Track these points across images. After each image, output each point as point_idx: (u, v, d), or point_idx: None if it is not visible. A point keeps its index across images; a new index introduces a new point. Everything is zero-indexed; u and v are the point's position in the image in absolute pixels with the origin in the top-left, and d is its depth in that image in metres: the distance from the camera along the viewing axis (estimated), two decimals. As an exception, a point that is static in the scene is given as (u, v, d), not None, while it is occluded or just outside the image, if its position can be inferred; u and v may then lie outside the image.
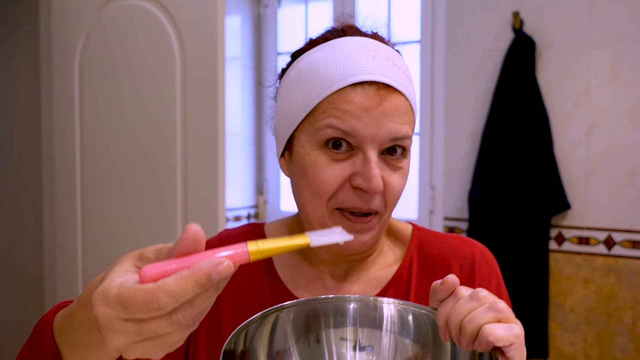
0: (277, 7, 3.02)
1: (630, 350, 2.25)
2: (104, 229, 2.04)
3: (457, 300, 0.56)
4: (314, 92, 0.71)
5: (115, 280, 0.43)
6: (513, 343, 0.54)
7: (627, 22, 2.25)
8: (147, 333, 0.42)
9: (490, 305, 0.55)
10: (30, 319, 2.40)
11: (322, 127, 0.70)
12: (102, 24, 2.01)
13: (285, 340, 0.55)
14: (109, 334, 0.42)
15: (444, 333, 0.57)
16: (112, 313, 0.42)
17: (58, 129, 2.14)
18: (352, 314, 0.57)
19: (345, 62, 0.70)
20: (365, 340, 0.56)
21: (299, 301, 0.57)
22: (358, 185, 0.69)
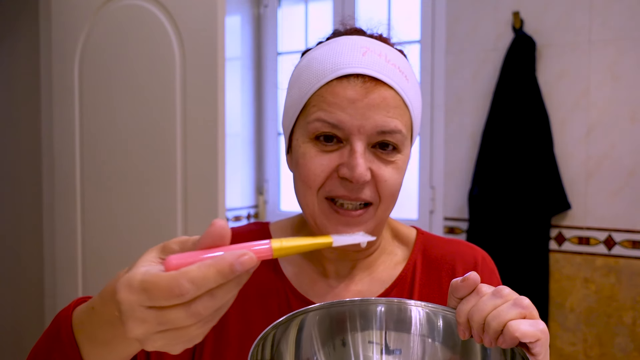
0: (277, 7, 3.02)
1: (630, 350, 2.25)
2: (104, 229, 2.03)
3: (480, 298, 0.56)
4: (306, 87, 0.74)
5: (139, 269, 0.44)
6: (539, 339, 0.53)
7: (627, 22, 2.25)
8: (167, 323, 0.42)
9: (515, 301, 0.55)
10: (30, 319, 2.39)
11: (312, 120, 0.72)
12: (102, 24, 2.01)
13: (311, 345, 0.54)
14: (130, 322, 0.43)
15: (463, 331, 0.56)
16: (134, 299, 0.42)
17: (58, 129, 2.14)
18: (378, 316, 0.56)
19: (336, 57, 0.72)
20: (393, 343, 0.55)
21: (324, 304, 0.57)
22: (343, 175, 0.70)
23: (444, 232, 2.62)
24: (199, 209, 1.83)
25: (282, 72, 3.08)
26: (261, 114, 3.09)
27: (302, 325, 0.55)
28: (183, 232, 1.86)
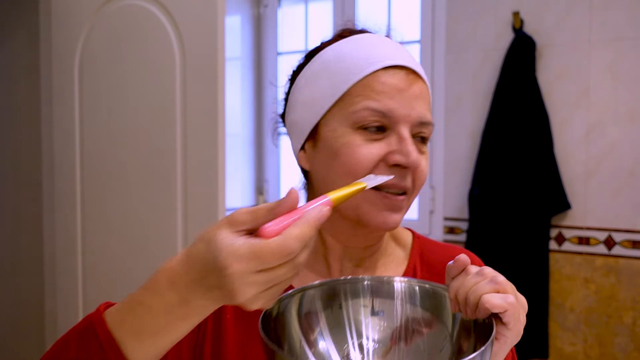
0: (277, 7, 3.02)
1: (630, 350, 2.25)
2: (104, 229, 2.03)
3: (466, 276, 0.64)
4: (342, 78, 0.74)
5: (235, 243, 0.50)
6: (507, 310, 0.61)
7: (627, 22, 2.25)
8: (275, 280, 0.50)
9: (491, 279, 0.62)
10: (30, 319, 2.39)
11: (359, 109, 0.72)
12: (102, 24, 2.01)
13: (312, 306, 0.66)
14: (241, 288, 0.49)
15: (453, 305, 0.64)
16: (245, 268, 0.49)
17: (58, 129, 2.14)
18: (367, 288, 0.68)
19: (373, 50, 0.74)
20: (378, 306, 0.67)
21: (322, 282, 0.68)
22: (396, 161, 0.72)
23: (444, 232, 2.62)
24: (199, 209, 1.83)
25: (282, 72, 3.07)
26: (261, 114, 3.09)
27: (303, 296, 0.66)
28: (183, 232, 1.86)
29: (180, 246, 1.85)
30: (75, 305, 2.11)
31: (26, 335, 2.42)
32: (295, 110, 0.79)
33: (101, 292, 2.05)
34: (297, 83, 0.80)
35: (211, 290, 0.52)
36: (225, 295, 0.51)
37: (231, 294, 0.50)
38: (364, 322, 0.67)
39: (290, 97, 0.81)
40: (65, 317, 2.15)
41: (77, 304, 2.11)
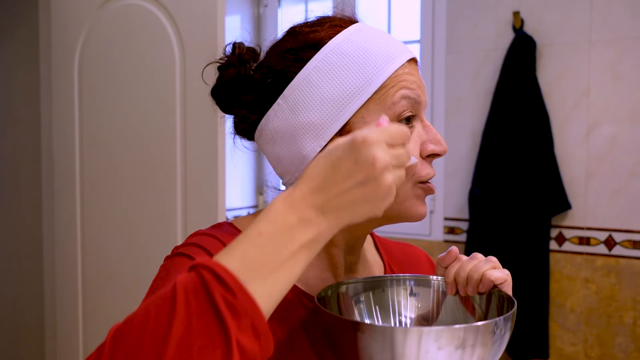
0: (277, 7, 3.02)
1: (630, 351, 2.24)
2: (104, 229, 2.03)
3: (461, 263, 0.75)
4: (375, 70, 0.71)
5: (368, 130, 0.56)
6: (506, 280, 0.74)
7: (627, 22, 2.24)
8: (397, 158, 0.57)
9: (486, 259, 0.75)
10: (30, 319, 2.39)
11: (398, 100, 0.71)
12: (101, 24, 2.01)
13: (358, 290, 0.78)
14: (379, 154, 0.55)
15: (451, 288, 0.75)
16: (380, 139, 0.55)
17: (58, 129, 2.14)
18: (407, 278, 0.80)
19: (389, 42, 0.74)
20: (415, 289, 0.80)
21: (365, 277, 0.80)
22: (432, 151, 0.74)
23: (444, 232, 2.62)
24: (199, 209, 1.83)
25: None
26: (261, 114, 3.08)
27: (349, 285, 0.78)
28: (183, 232, 1.86)
29: (180, 246, 1.85)
30: (75, 306, 2.11)
31: (26, 335, 2.42)
32: (309, 110, 0.72)
33: (101, 292, 2.05)
34: (303, 80, 0.72)
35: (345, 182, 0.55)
36: (364, 169, 0.55)
37: (372, 162, 0.54)
38: (403, 304, 0.80)
39: (288, 96, 0.73)
40: (65, 317, 2.15)
41: (77, 304, 2.11)
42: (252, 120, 0.77)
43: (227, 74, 0.78)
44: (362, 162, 0.54)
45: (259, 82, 0.76)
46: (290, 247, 0.54)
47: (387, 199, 0.56)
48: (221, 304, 0.49)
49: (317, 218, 0.55)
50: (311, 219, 0.55)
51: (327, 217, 0.55)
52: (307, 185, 0.56)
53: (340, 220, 0.56)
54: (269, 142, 0.76)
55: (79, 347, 2.11)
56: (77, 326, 2.11)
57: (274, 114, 0.74)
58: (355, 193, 0.55)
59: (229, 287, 0.50)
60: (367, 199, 0.56)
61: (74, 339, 2.12)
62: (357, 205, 0.56)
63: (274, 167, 0.79)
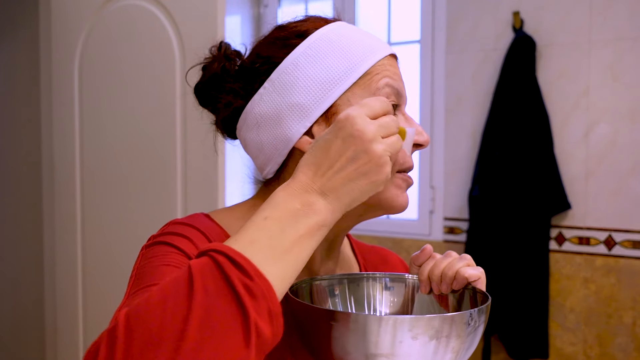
0: (277, 7, 3.02)
1: (630, 351, 2.25)
2: (104, 229, 2.03)
3: (435, 261, 0.75)
4: (361, 57, 0.73)
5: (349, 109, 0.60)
6: (480, 277, 0.73)
7: (627, 22, 2.25)
8: (384, 126, 0.58)
9: (460, 257, 0.75)
10: (30, 319, 2.39)
11: (382, 86, 0.73)
12: (102, 24, 2.01)
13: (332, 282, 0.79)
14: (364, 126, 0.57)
15: (425, 286, 0.76)
16: (360, 111, 0.58)
17: (58, 129, 2.14)
18: (382, 275, 0.81)
19: (373, 37, 0.77)
20: (389, 284, 0.80)
21: (340, 274, 0.80)
22: (416, 141, 0.74)
23: (444, 232, 2.62)
24: (199, 209, 1.83)
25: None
26: (261, 114, 3.08)
27: (322, 280, 0.78)
28: (183, 232, 1.86)
29: (180, 246, 1.85)
30: (75, 305, 2.11)
31: (26, 335, 2.42)
32: (295, 92, 0.72)
33: (101, 292, 2.05)
34: (291, 63, 0.73)
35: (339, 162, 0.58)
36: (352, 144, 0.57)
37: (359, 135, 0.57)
38: (379, 299, 0.80)
39: (275, 80, 0.73)
40: (65, 317, 2.15)
41: (77, 304, 2.11)
42: (236, 106, 0.77)
43: (212, 68, 0.81)
44: (349, 138, 0.57)
45: (246, 69, 0.77)
46: (297, 230, 0.55)
47: (383, 170, 0.58)
48: (239, 287, 0.49)
49: (318, 202, 0.57)
50: (313, 202, 0.57)
51: (328, 199, 0.57)
52: (304, 174, 0.58)
53: (342, 200, 0.58)
54: (253, 128, 0.75)
55: (79, 347, 2.11)
56: (77, 326, 2.11)
57: (259, 97, 0.74)
58: (349, 169, 0.57)
59: (245, 270, 0.50)
60: (362, 173, 0.57)
61: (74, 339, 2.12)
62: (355, 182, 0.58)
63: (254, 157, 0.78)
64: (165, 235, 0.71)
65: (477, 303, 0.71)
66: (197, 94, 0.82)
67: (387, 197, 0.73)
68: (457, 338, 0.60)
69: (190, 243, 0.69)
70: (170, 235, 0.71)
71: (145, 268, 0.66)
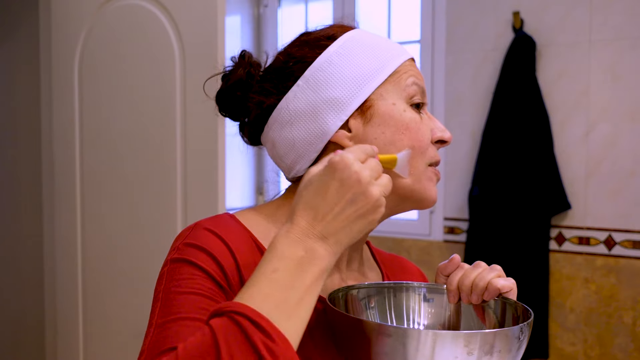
0: (277, 7, 3.02)
1: (630, 350, 2.25)
2: (104, 230, 2.03)
3: (464, 271, 0.75)
4: (389, 58, 0.77)
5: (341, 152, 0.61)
6: (512, 289, 0.74)
7: (627, 22, 2.24)
8: (373, 169, 0.61)
9: (490, 268, 0.75)
10: (30, 320, 2.39)
11: (410, 84, 0.77)
12: (102, 24, 2.01)
13: (371, 293, 0.77)
14: (361, 171, 0.59)
15: (453, 296, 0.76)
16: (355, 157, 0.60)
17: (58, 129, 2.14)
18: (419, 285, 0.79)
19: (394, 42, 0.81)
20: (429, 295, 0.78)
21: (376, 283, 0.80)
22: (441, 137, 0.78)
23: (444, 232, 2.62)
24: (199, 209, 1.83)
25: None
26: (261, 114, 3.08)
27: (360, 289, 0.77)
28: (183, 232, 1.86)
29: (180, 246, 1.85)
30: (76, 306, 2.11)
31: (26, 336, 2.42)
32: (331, 87, 0.74)
33: (101, 292, 2.05)
34: (325, 61, 0.75)
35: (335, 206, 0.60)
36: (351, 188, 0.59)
37: (357, 179, 0.59)
38: (417, 309, 0.78)
39: (309, 77, 0.75)
40: (65, 317, 2.15)
41: (77, 304, 2.11)
42: (269, 104, 0.78)
43: (236, 74, 0.80)
44: (347, 181, 0.59)
45: (278, 69, 0.79)
46: (305, 281, 0.57)
47: (380, 210, 0.61)
48: (263, 351, 0.52)
49: (320, 247, 0.59)
50: (316, 248, 0.59)
51: (329, 242, 0.59)
52: (303, 218, 0.60)
53: (341, 242, 0.60)
54: (286, 125, 0.76)
55: (79, 347, 2.11)
56: (77, 326, 2.11)
57: (293, 94, 0.76)
58: (349, 212, 0.59)
59: (267, 332, 0.53)
60: (360, 215, 0.60)
61: (74, 339, 2.12)
62: (354, 223, 0.60)
63: (284, 156, 0.79)
64: (186, 248, 0.70)
65: (517, 314, 0.71)
66: (219, 99, 0.83)
67: (419, 188, 0.76)
68: (508, 352, 0.60)
69: (214, 263, 0.68)
70: (191, 248, 0.69)
71: (171, 293, 0.66)
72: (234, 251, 0.70)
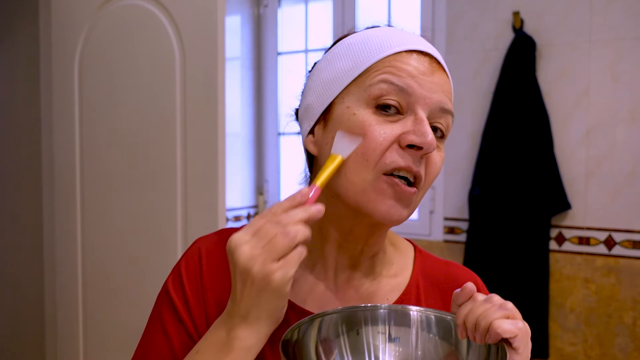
0: (277, 7, 3.02)
1: (630, 350, 2.25)
2: (104, 230, 2.03)
3: (475, 303, 0.65)
4: (365, 56, 0.70)
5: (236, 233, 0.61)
6: (517, 335, 0.62)
7: (627, 22, 2.24)
8: (261, 234, 0.58)
9: (500, 305, 0.63)
10: (30, 320, 2.39)
11: (375, 82, 0.68)
12: (102, 24, 2.01)
13: (330, 332, 0.68)
14: (238, 249, 0.59)
15: (461, 331, 0.65)
16: (244, 238, 0.60)
17: (58, 129, 2.14)
18: (384, 316, 0.69)
19: (398, 34, 0.72)
20: (394, 333, 0.69)
21: (341, 308, 0.69)
22: (410, 141, 0.66)
23: (444, 232, 2.62)
24: (199, 209, 1.83)
25: (282, 72, 3.08)
26: (261, 114, 3.09)
27: (322, 322, 0.67)
28: (183, 232, 1.86)
29: (180, 246, 1.85)
30: (75, 306, 2.11)
31: (26, 336, 2.42)
32: (311, 93, 0.74)
33: (101, 292, 2.05)
34: (317, 67, 0.76)
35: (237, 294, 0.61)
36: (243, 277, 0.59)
37: (234, 252, 0.59)
38: (381, 348, 0.68)
39: (307, 84, 0.77)
40: (65, 317, 2.15)
41: (77, 304, 2.11)
42: None
43: None
44: (239, 271, 0.59)
45: None
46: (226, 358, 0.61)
47: (281, 297, 0.59)
48: None
49: (241, 327, 0.61)
50: (236, 328, 0.61)
51: (249, 320, 0.61)
52: (231, 300, 0.62)
53: (262, 320, 0.61)
54: None
55: (79, 347, 2.11)
56: (77, 326, 2.11)
57: (299, 102, 0.80)
58: (246, 293, 0.60)
59: None
60: (265, 301, 0.60)
61: (74, 339, 2.12)
62: (262, 309, 0.60)
63: None
64: (174, 271, 0.78)
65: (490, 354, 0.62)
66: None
67: (363, 200, 0.68)
68: None
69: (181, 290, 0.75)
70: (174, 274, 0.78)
71: (149, 324, 0.76)
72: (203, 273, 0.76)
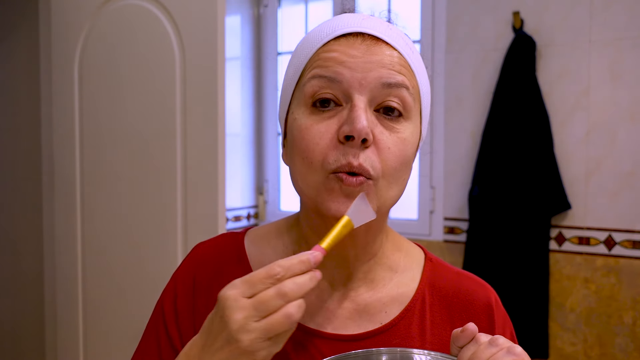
0: (277, 7, 3.02)
1: (630, 350, 2.25)
2: (104, 229, 2.03)
3: (478, 346, 0.60)
4: (301, 58, 0.68)
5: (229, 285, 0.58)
6: None
7: (627, 22, 2.24)
8: (260, 305, 0.54)
9: (508, 349, 0.58)
10: (30, 320, 2.39)
11: (307, 81, 0.65)
12: (102, 24, 2.01)
13: None
14: (233, 312, 0.54)
15: None
16: (238, 292, 0.55)
17: (58, 129, 2.14)
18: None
19: (330, 24, 0.67)
20: None
21: (337, 356, 0.64)
22: (343, 132, 0.62)
23: (444, 232, 2.62)
24: (199, 209, 1.83)
25: (282, 72, 3.07)
26: (261, 114, 3.09)
27: None
28: (183, 232, 1.86)
29: (180, 246, 1.85)
30: (75, 306, 2.11)
31: (26, 336, 2.42)
32: (279, 106, 0.74)
33: (101, 292, 2.05)
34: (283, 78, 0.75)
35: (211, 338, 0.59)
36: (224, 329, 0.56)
37: (224, 318, 0.56)
38: None
39: None
40: (65, 317, 2.15)
41: (77, 304, 2.11)
42: None
43: None
44: (222, 320, 0.57)
45: None
46: None
47: (252, 355, 0.56)
48: None
49: None
50: None
51: None
52: (196, 345, 0.60)
53: None
54: None
55: (79, 347, 2.11)
56: (77, 326, 2.11)
57: None
58: (225, 351, 0.57)
59: None
60: (235, 356, 0.57)
61: (74, 339, 2.12)
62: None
63: None
64: (172, 277, 0.78)
65: None
66: None
67: (319, 201, 0.65)
68: None
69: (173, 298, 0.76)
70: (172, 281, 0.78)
71: (145, 331, 0.77)
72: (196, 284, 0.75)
